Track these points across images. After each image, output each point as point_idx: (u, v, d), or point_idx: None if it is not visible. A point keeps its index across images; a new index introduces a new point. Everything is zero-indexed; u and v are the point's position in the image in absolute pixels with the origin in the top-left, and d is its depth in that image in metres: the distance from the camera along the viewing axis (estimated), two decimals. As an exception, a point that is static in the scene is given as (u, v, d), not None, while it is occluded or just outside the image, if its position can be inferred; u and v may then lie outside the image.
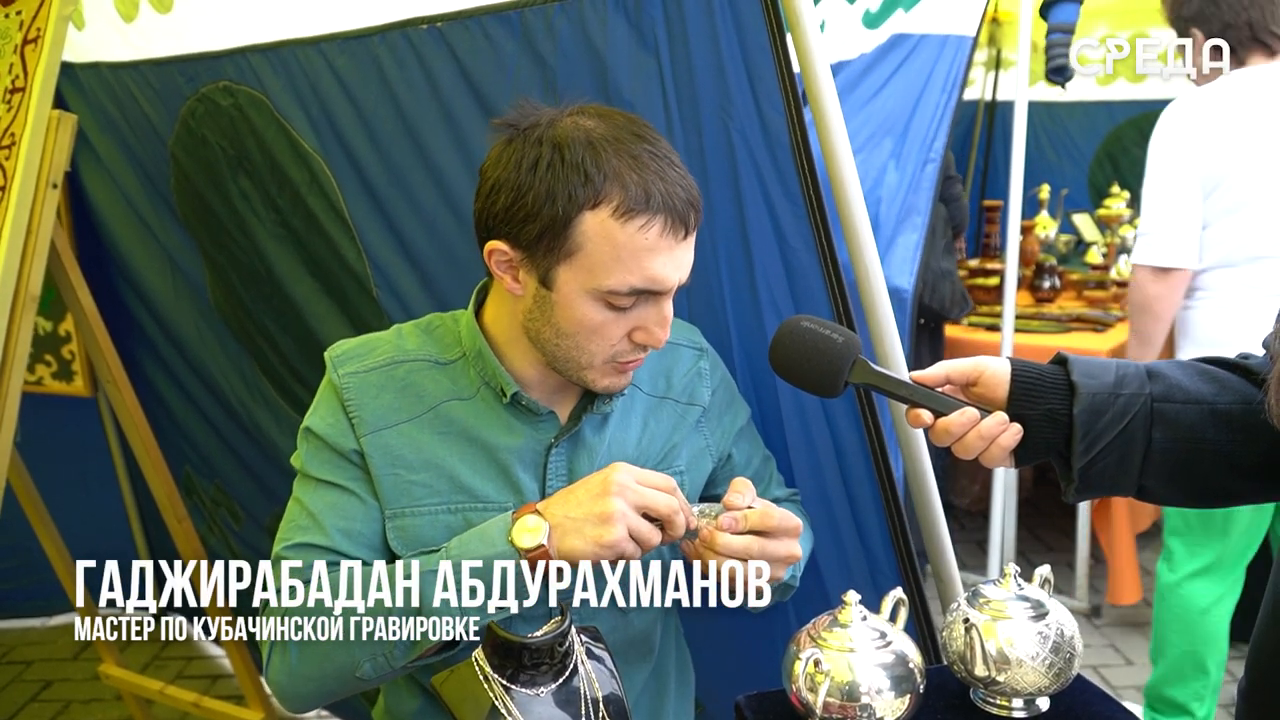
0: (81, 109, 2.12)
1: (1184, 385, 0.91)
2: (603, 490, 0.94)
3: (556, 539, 0.94)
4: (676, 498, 0.96)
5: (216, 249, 1.95)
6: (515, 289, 1.03)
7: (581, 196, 0.94)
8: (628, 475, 0.96)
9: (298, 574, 1.01)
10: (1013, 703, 1.00)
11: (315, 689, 1.00)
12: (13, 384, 1.57)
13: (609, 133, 0.97)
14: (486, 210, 1.00)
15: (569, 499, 0.96)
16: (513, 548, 0.94)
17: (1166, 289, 2.15)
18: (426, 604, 0.94)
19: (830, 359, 0.98)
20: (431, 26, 1.39)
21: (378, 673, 0.97)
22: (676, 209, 0.96)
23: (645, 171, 0.95)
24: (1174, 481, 0.92)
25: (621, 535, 0.92)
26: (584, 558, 0.93)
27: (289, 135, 1.66)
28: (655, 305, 1.01)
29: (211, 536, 2.56)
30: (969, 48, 2.40)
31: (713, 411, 1.20)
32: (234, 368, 2.17)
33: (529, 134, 0.98)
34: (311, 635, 0.97)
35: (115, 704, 2.65)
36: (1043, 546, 3.50)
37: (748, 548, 0.96)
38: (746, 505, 0.99)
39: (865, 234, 1.21)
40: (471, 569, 0.94)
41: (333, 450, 1.06)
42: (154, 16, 1.80)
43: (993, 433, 0.93)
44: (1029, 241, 3.80)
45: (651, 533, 0.95)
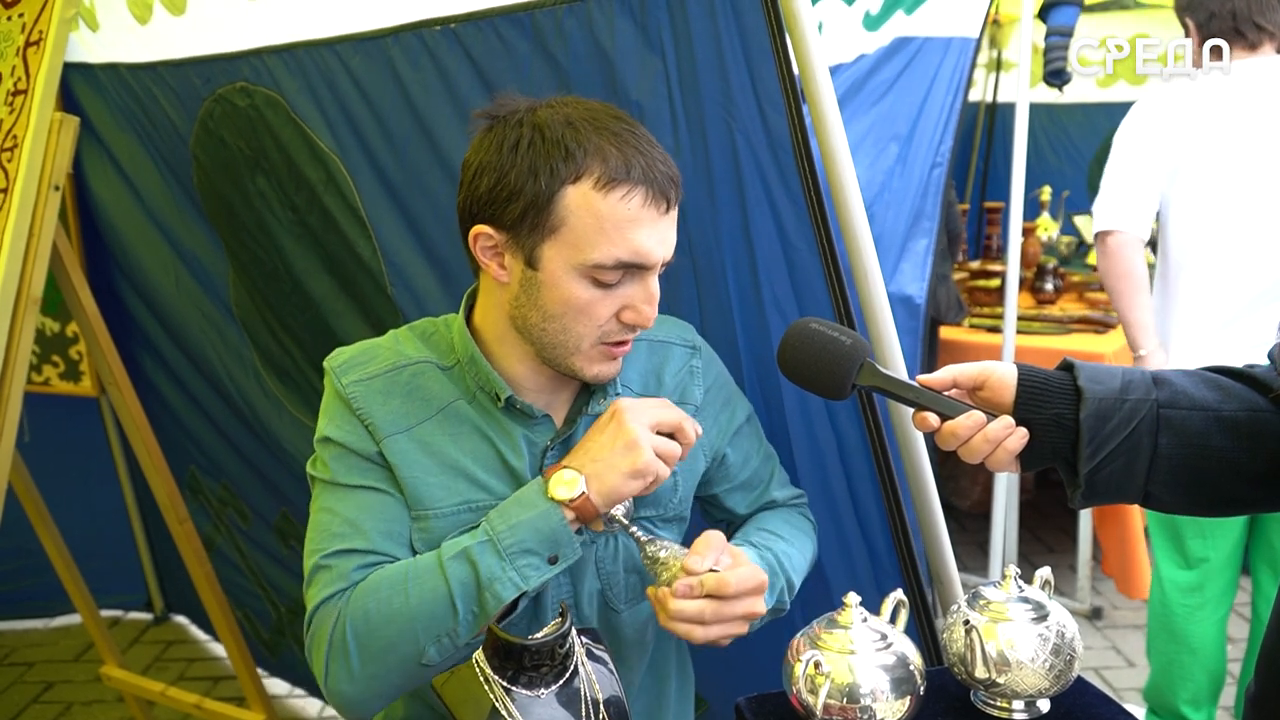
0: (100, 109, 2.13)
1: (1190, 392, 0.91)
2: (617, 424, 1.01)
3: (594, 484, 0.99)
4: (676, 410, 1.05)
5: (239, 247, 1.97)
6: (501, 275, 1.03)
7: (563, 171, 0.96)
8: (632, 403, 1.03)
9: (342, 579, 1.01)
10: (1013, 705, 1.00)
11: (381, 687, 0.99)
12: (14, 386, 1.57)
13: (587, 114, 0.99)
14: (469, 196, 1.02)
15: (588, 447, 1.02)
16: (554, 503, 0.99)
17: (1105, 253, 2.17)
18: (484, 574, 0.96)
19: (838, 361, 0.99)
20: (445, 27, 1.41)
21: (443, 655, 0.97)
22: (657, 181, 0.98)
23: (625, 146, 0.97)
24: (1180, 488, 0.92)
25: (650, 457, 0.99)
26: (624, 492, 0.99)
27: (305, 135, 1.67)
28: (641, 282, 1.01)
29: (218, 536, 2.56)
30: (972, 50, 2.40)
31: (706, 410, 1.20)
32: (240, 367, 2.18)
33: (509, 119, 1.00)
34: (371, 634, 0.97)
35: (117, 705, 2.66)
36: (1044, 548, 3.49)
37: (700, 612, 0.98)
38: (705, 569, 0.99)
39: (864, 235, 1.22)
40: (519, 531, 0.98)
41: (357, 455, 1.06)
42: (168, 19, 1.81)
43: (999, 436, 0.94)
44: (1030, 243, 3.80)
45: (672, 446, 1.02)
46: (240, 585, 2.56)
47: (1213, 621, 2.20)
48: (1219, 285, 2.08)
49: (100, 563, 2.83)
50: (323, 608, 1.01)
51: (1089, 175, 4.85)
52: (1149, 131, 2.12)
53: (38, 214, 1.57)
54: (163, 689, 2.22)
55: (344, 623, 0.98)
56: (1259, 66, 2.06)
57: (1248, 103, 2.04)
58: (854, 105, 2.14)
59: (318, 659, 1.00)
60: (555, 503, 0.98)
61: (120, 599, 3.11)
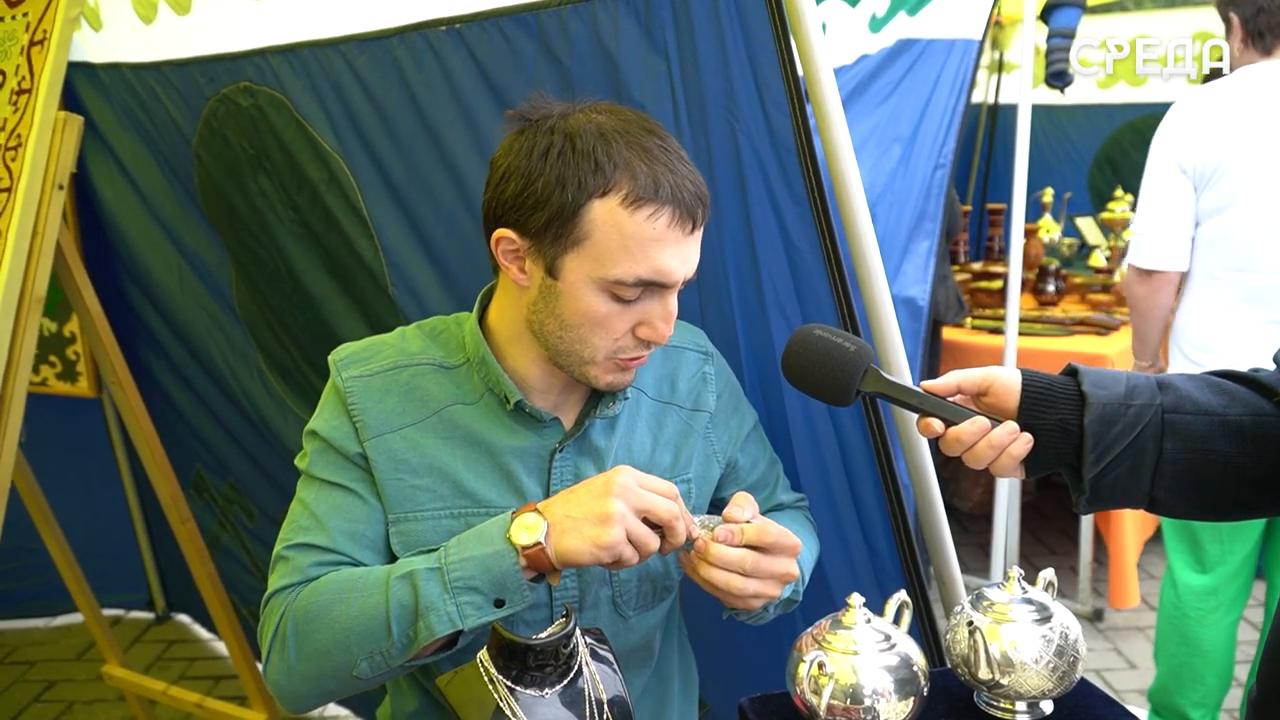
0: (103, 108, 2.13)
1: (1194, 397, 0.91)
2: (604, 491, 0.93)
3: (555, 537, 0.92)
4: (678, 504, 0.95)
5: (240, 247, 1.97)
6: (521, 279, 1.02)
7: (591, 184, 0.94)
8: (630, 478, 0.94)
9: (297, 573, 1.01)
10: (1016, 706, 1.00)
11: (313, 688, 0.99)
12: (18, 385, 1.57)
13: (620, 126, 0.97)
14: (495, 198, 1.01)
15: (570, 499, 0.95)
16: (510, 545, 0.92)
17: (1150, 290, 2.19)
18: (423, 602, 0.93)
19: (842, 368, 0.99)
20: (450, 28, 1.41)
21: (375, 671, 0.96)
22: (685, 201, 0.97)
23: (655, 163, 0.96)
24: (1185, 493, 0.92)
25: (619, 538, 0.91)
26: (580, 558, 0.91)
27: (308, 135, 1.67)
28: (660, 300, 1.01)
29: (224, 534, 2.56)
30: (976, 51, 2.40)
31: (719, 416, 1.20)
32: (245, 367, 2.18)
33: (541, 124, 0.99)
34: (309, 634, 0.97)
35: (118, 705, 2.66)
36: (1045, 550, 3.49)
37: (741, 561, 0.96)
38: (746, 519, 0.98)
39: (868, 237, 1.22)
40: (469, 567, 0.93)
41: (337, 452, 1.06)
42: (173, 18, 1.82)
43: (1003, 442, 0.94)
44: (1032, 245, 3.80)
45: (650, 538, 0.93)
46: (245, 583, 2.56)
47: (1225, 625, 2.20)
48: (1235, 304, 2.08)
49: (102, 562, 2.84)
50: (275, 598, 1.02)
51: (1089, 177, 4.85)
52: (1180, 145, 2.08)
53: (41, 213, 1.57)
54: (164, 688, 2.22)
55: (289, 617, 0.99)
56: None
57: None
58: (858, 107, 2.14)
59: (263, 646, 1.01)
60: (512, 546, 0.92)
61: (122, 598, 3.11)
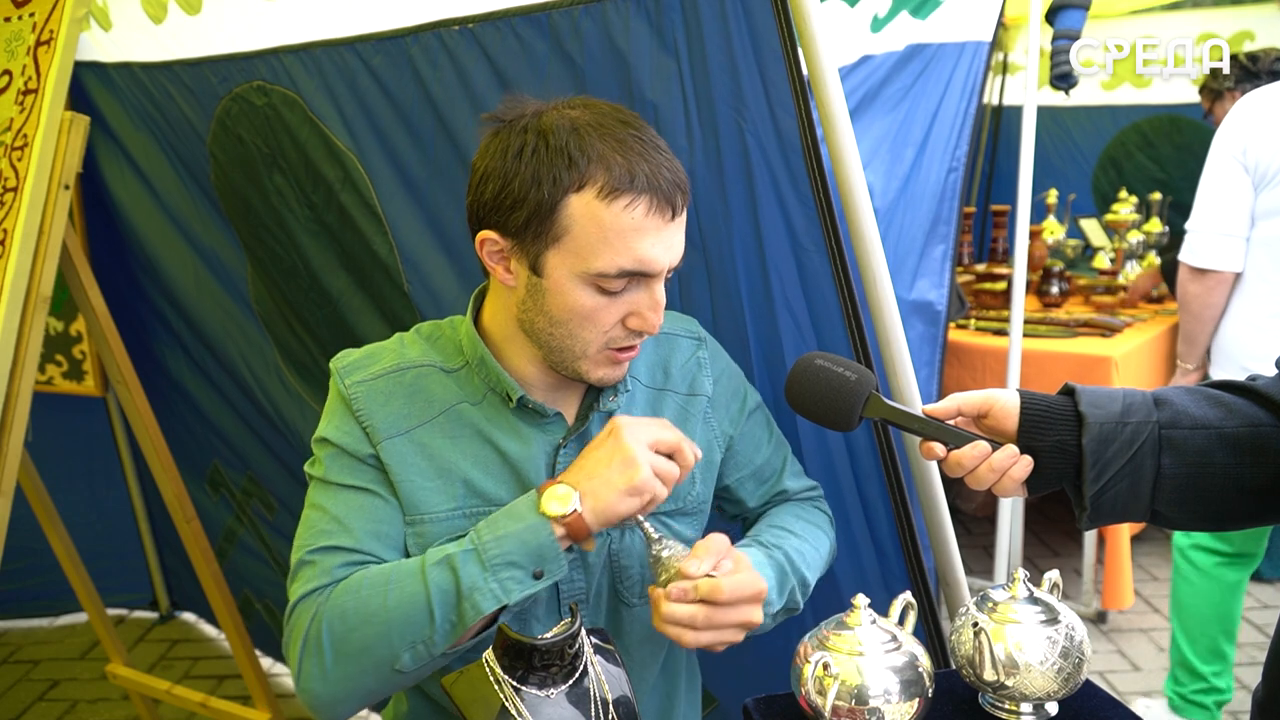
0: (115, 107, 2.14)
1: (1190, 411, 0.92)
2: (614, 440, 0.97)
3: (589, 501, 0.95)
4: (674, 430, 1.01)
5: (256, 244, 1.98)
6: (507, 279, 1.03)
7: (566, 179, 0.95)
8: (630, 420, 0.99)
9: (325, 575, 1.00)
10: (1021, 707, 1.00)
11: (353, 688, 0.97)
12: (24, 384, 1.58)
13: (593, 119, 0.98)
14: (476, 201, 1.02)
15: (584, 464, 0.98)
16: (544, 518, 0.96)
17: (1203, 289, 2.17)
18: (465, 583, 0.94)
19: (844, 397, 1.00)
20: (464, 27, 1.41)
21: (417, 663, 0.96)
22: (662, 189, 0.97)
23: (629, 153, 0.96)
24: (1186, 506, 0.92)
25: (647, 475, 0.95)
26: (618, 507, 0.95)
27: (322, 133, 1.68)
28: (646, 289, 1.01)
29: (240, 528, 2.57)
30: (986, 54, 2.40)
31: (718, 400, 1.20)
32: (261, 362, 2.19)
33: (515, 124, 0.99)
34: (347, 633, 0.96)
35: (122, 704, 2.66)
36: (1049, 552, 3.49)
37: (692, 618, 0.96)
38: (702, 574, 0.98)
39: (873, 238, 1.22)
40: (505, 544, 0.95)
41: (351, 456, 1.06)
42: (183, 18, 1.82)
43: (1004, 465, 0.95)
44: (1036, 246, 3.79)
45: (671, 466, 0.98)
46: (263, 576, 2.56)
47: (1233, 579, 2.24)
48: None
49: (106, 561, 2.84)
50: (303, 603, 1.00)
51: (1094, 179, 4.84)
52: (1249, 136, 2.07)
53: (48, 213, 1.57)
54: (168, 687, 2.22)
55: (321, 620, 0.97)
56: None
57: None
58: (870, 112, 2.14)
59: (293, 655, 0.99)
60: (546, 517, 0.96)
61: (126, 597, 3.11)
